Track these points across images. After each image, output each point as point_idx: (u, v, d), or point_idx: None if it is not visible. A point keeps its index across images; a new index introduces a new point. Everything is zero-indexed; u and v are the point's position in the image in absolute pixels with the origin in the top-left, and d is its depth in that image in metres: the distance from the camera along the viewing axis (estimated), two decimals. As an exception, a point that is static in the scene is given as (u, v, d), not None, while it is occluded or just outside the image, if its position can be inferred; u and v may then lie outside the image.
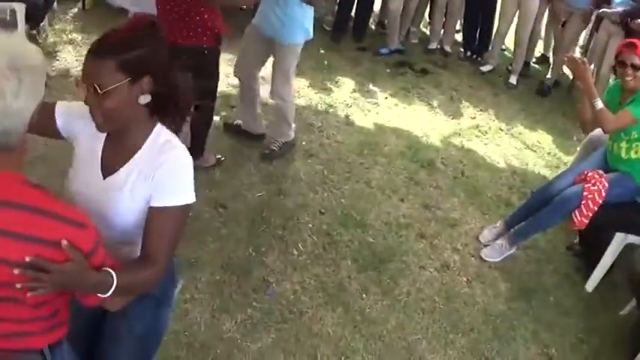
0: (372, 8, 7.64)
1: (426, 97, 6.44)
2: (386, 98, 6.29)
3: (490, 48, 7.48)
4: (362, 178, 4.99)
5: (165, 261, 2.05)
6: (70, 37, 6.83)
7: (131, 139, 2.08)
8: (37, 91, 1.68)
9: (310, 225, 4.40)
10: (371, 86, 6.50)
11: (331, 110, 5.87)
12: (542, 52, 8.05)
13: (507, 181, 5.38)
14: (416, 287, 4.02)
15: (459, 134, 5.93)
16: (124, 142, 2.08)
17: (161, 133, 2.12)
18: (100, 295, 1.86)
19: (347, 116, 5.83)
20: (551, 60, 7.74)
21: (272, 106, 5.12)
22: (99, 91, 1.91)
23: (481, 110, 6.48)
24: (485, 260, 4.40)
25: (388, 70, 6.91)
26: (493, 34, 7.49)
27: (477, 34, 7.55)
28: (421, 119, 6.03)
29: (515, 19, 7.11)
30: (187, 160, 2.10)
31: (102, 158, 2.12)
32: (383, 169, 5.15)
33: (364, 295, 3.89)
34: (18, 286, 1.65)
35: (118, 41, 1.94)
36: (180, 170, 2.08)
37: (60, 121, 2.18)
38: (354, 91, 6.32)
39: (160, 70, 2.01)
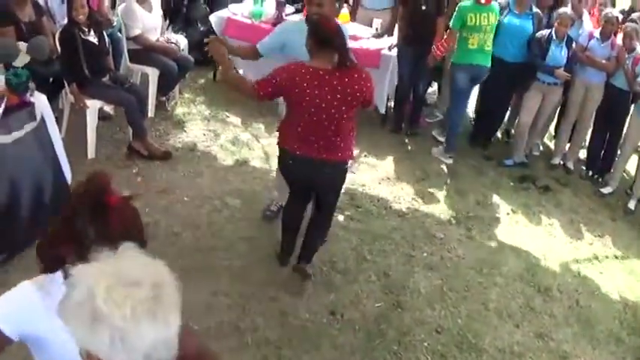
0: (503, 118, 7.88)
1: (546, 216, 6.50)
2: (508, 214, 6.39)
3: (612, 170, 7.46)
4: (479, 299, 5.09)
5: None
6: (198, 108, 7.17)
7: None
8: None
9: (426, 343, 4.52)
10: (494, 199, 6.62)
11: (454, 221, 6.03)
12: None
13: (619, 315, 5.35)
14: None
15: (576, 260, 5.94)
16: None
17: None
18: None
19: (469, 229, 5.96)
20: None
21: None
22: None
23: (599, 236, 6.46)
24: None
25: (512, 184, 7.01)
26: (617, 155, 7.49)
27: (602, 154, 7.55)
28: (540, 240, 6.09)
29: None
30: None
31: None
32: (500, 291, 5.23)
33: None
34: None
35: None
36: None
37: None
38: (478, 203, 6.46)
39: None
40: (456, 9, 6.75)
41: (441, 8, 6.97)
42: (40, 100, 4.89)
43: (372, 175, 6.41)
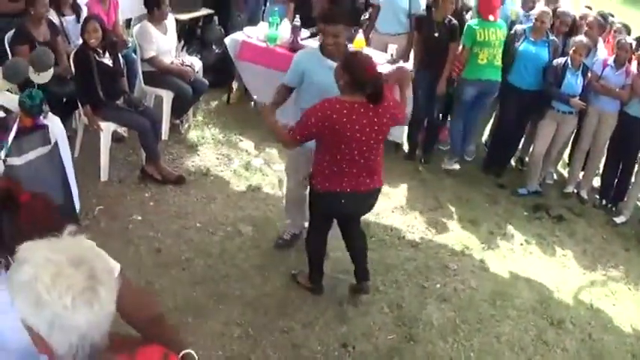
0: (518, 146, 7.87)
1: (560, 246, 6.45)
2: (521, 244, 6.34)
3: (625, 199, 7.40)
4: (492, 332, 5.04)
5: None
6: (211, 132, 7.15)
7: None
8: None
9: (438, 378, 4.48)
10: (508, 229, 6.56)
11: (467, 252, 5.98)
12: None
13: (632, 348, 5.28)
14: None
15: (589, 292, 5.89)
16: None
17: None
18: None
19: (482, 260, 5.91)
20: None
21: None
22: None
23: (612, 267, 6.40)
24: None
25: (525, 213, 6.96)
26: (631, 184, 7.43)
27: (615, 183, 7.50)
28: (554, 271, 6.04)
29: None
30: None
31: None
32: (513, 324, 5.18)
33: None
34: None
35: None
36: None
37: None
38: (491, 232, 6.42)
39: None
40: (465, 28, 7.08)
41: (454, 35, 6.98)
42: (54, 123, 4.89)
43: (385, 203, 6.34)
